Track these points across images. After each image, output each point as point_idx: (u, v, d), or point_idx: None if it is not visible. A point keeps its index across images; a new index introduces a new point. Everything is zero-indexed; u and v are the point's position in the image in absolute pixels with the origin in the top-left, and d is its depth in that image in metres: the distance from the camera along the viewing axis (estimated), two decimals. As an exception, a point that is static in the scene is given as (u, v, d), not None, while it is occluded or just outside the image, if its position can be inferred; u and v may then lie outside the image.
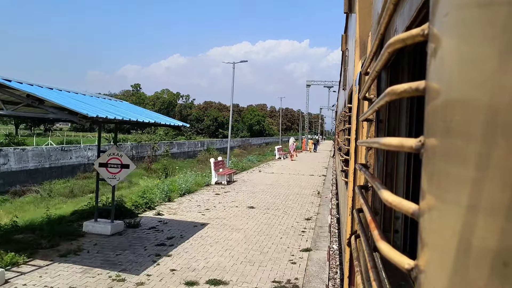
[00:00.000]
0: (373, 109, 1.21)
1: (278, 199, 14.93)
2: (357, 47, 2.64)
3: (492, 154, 0.36)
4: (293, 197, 15.51)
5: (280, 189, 17.39)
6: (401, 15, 1.03)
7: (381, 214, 1.62)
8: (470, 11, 0.41)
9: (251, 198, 14.77)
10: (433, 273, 0.48)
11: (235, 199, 14.52)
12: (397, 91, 0.69)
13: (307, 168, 27.18)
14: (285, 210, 12.80)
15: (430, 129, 0.54)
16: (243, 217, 11.53)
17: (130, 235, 9.17)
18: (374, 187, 1.00)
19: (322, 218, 11.80)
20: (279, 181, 20.02)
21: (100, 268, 7.00)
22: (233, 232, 9.75)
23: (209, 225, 10.36)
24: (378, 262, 1.20)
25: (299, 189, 17.74)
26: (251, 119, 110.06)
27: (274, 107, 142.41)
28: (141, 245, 8.46)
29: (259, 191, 16.63)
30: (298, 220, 11.43)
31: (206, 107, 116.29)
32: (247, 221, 11.07)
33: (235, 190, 16.73)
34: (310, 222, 11.26)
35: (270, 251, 8.37)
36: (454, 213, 0.42)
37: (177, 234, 9.38)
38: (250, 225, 10.55)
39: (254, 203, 13.74)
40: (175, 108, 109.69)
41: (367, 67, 1.53)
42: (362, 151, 2.01)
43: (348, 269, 2.87)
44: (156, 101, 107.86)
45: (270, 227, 10.50)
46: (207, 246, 8.53)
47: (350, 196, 2.81)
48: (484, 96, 0.37)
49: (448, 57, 0.48)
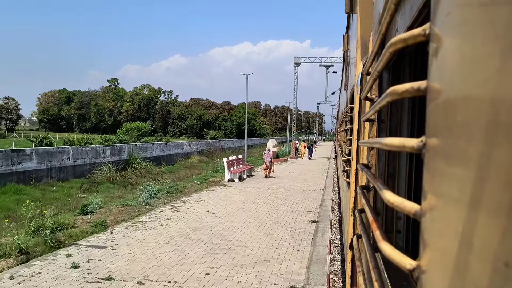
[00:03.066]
0: (375, 109, 1.21)
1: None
2: (359, 47, 2.64)
3: (493, 154, 0.36)
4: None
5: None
6: (402, 15, 1.03)
7: (383, 215, 1.62)
8: (471, 10, 0.41)
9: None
10: (435, 273, 0.48)
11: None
12: (399, 91, 0.69)
13: (277, 212, 11.02)
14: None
15: (432, 129, 0.54)
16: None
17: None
18: (375, 187, 1.00)
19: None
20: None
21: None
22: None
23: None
24: (380, 263, 1.20)
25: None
26: (240, 117, 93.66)
27: (268, 105, 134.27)
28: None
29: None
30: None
31: (192, 105, 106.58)
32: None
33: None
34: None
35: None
36: (456, 213, 0.42)
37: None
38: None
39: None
40: (156, 105, 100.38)
41: (369, 67, 1.53)
42: (364, 151, 2.01)
43: (350, 270, 2.86)
44: (135, 97, 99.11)
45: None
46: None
47: (352, 196, 2.81)
48: (486, 96, 0.37)
49: (450, 57, 0.48)
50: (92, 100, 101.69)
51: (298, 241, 8.16)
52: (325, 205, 12.27)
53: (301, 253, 7.32)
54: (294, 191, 15.04)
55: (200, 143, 47.95)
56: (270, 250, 7.43)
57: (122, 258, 6.73)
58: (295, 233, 8.74)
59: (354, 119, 2.96)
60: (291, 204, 12.24)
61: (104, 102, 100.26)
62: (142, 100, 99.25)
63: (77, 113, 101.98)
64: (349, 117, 4.31)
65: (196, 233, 8.53)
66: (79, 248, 7.23)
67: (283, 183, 17.26)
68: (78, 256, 6.80)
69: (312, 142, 34.92)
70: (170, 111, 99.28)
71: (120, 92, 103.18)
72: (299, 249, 7.61)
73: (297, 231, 8.93)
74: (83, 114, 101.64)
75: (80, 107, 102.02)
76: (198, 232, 8.62)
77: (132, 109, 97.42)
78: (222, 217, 10.17)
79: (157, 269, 6.27)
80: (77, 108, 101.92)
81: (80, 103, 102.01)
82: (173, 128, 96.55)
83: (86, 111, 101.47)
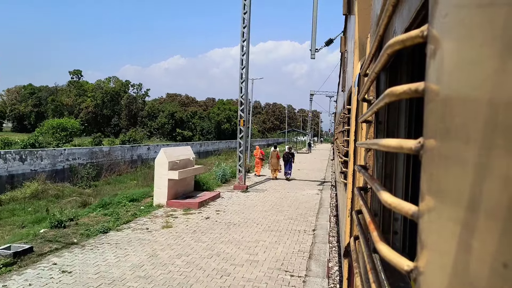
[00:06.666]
0: (372, 111, 1.21)
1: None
2: (356, 48, 2.65)
3: (491, 155, 0.36)
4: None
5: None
6: (400, 17, 1.03)
7: (380, 216, 1.62)
8: (469, 12, 0.41)
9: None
10: (432, 274, 0.48)
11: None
12: (397, 92, 0.69)
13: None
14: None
15: (430, 131, 0.54)
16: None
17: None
18: (373, 188, 1.00)
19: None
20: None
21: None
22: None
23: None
24: (378, 264, 1.20)
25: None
26: (219, 114, 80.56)
27: (258, 102, 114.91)
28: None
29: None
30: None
31: (167, 101, 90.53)
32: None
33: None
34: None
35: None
36: (454, 214, 0.42)
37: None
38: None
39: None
40: (122, 101, 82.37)
41: (366, 69, 1.53)
42: (361, 152, 2.01)
43: (347, 271, 2.86)
44: (97, 91, 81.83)
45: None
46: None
47: (349, 197, 2.81)
48: (484, 97, 0.37)
49: (448, 58, 0.48)
50: (51, 95, 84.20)
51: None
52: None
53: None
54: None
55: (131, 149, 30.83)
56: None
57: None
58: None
59: (352, 120, 2.97)
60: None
61: (64, 98, 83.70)
62: (106, 95, 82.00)
63: (34, 111, 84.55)
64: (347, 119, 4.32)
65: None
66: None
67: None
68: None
69: (290, 148, 20.72)
70: (140, 108, 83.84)
71: (83, 86, 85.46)
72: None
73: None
74: (42, 112, 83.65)
75: (37, 104, 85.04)
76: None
77: (94, 105, 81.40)
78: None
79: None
80: (33, 105, 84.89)
81: (38, 100, 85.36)
82: (142, 127, 79.85)
83: (44, 108, 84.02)
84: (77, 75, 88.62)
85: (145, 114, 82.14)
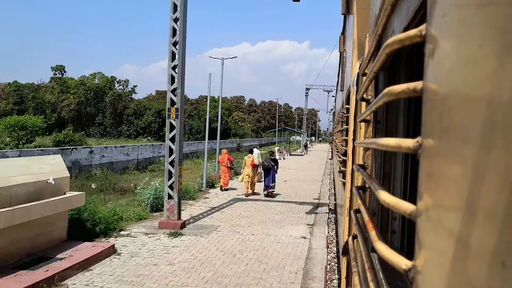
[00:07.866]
0: (371, 110, 1.21)
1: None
2: (355, 48, 2.65)
3: (489, 155, 0.36)
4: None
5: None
6: (398, 16, 1.03)
7: (379, 215, 1.62)
8: (468, 11, 0.41)
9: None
10: (430, 273, 0.48)
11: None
12: (395, 91, 0.69)
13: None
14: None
15: (428, 130, 0.54)
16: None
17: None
18: (371, 187, 1.00)
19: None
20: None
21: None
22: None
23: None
24: (376, 263, 1.20)
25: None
26: (209, 112, 62.67)
27: (253, 99, 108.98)
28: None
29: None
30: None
31: (156, 99, 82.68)
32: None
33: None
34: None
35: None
36: (452, 214, 0.42)
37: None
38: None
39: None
40: (106, 98, 76.34)
41: (365, 68, 1.54)
42: (359, 152, 2.01)
43: (345, 270, 2.87)
44: (80, 88, 75.77)
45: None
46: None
47: (348, 197, 2.81)
48: (482, 96, 0.37)
49: (446, 58, 0.48)
50: (32, 93, 79.34)
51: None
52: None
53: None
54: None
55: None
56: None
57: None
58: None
59: (350, 119, 2.97)
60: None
61: (47, 95, 78.77)
62: (89, 92, 76.08)
63: (15, 109, 75.81)
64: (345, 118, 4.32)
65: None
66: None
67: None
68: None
69: (274, 155, 14.29)
70: (126, 106, 77.16)
71: (67, 83, 79.58)
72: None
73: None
74: (23, 110, 75.40)
75: (19, 102, 78.75)
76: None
77: (77, 102, 75.86)
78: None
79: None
80: (14, 102, 78.25)
81: (19, 97, 79.38)
82: (128, 127, 75.16)
83: (25, 106, 77.62)
84: (60, 71, 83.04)
85: (131, 112, 75.54)
